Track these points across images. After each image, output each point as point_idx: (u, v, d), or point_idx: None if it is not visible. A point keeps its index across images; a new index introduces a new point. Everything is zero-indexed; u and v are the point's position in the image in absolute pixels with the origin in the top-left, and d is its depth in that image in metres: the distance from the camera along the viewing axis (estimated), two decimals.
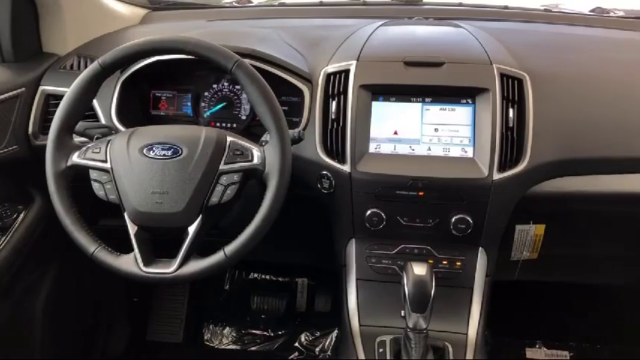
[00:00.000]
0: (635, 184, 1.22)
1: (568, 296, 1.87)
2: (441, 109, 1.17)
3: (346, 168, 1.15)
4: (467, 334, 1.17)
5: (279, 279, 2.08)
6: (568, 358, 1.90)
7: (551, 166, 1.17)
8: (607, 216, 1.33)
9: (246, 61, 1.06)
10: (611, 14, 1.70)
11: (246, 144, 1.05)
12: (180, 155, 1.02)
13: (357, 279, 1.23)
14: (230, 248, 1.01)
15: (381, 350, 1.13)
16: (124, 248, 1.05)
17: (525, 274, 1.46)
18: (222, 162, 1.02)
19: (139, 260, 1.02)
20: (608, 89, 1.26)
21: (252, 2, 1.80)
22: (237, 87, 1.34)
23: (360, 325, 1.19)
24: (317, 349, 1.93)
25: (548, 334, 1.95)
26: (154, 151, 1.03)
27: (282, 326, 1.99)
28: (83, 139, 1.13)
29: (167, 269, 1.01)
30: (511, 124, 1.13)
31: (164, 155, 1.02)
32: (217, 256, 1.01)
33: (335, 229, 1.27)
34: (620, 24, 1.63)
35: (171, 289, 1.99)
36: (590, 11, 1.74)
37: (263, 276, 2.09)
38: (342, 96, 1.17)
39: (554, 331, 1.96)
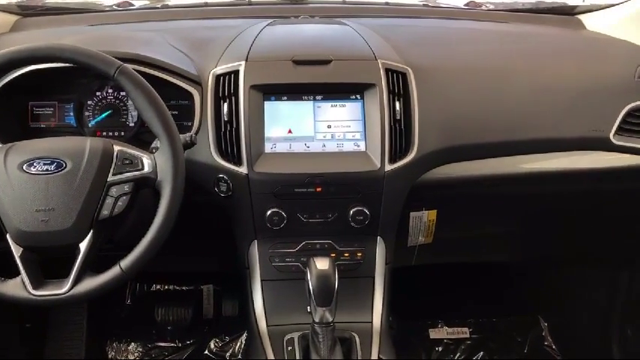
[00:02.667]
0: (516, 165, 1.30)
1: (464, 275, 1.98)
2: (332, 106, 1.19)
3: (243, 170, 1.14)
4: (372, 322, 1.21)
5: (184, 288, 2.03)
6: (468, 333, 2.01)
7: (437, 154, 1.23)
8: (494, 197, 1.41)
9: (130, 66, 1.02)
10: (484, 8, 1.82)
11: (136, 152, 1.01)
12: (64, 169, 0.97)
13: (261, 280, 1.23)
14: (126, 262, 0.97)
15: (289, 348, 1.13)
16: (11, 272, 0.98)
17: (423, 259, 1.53)
18: (111, 173, 0.98)
19: (27, 283, 0.96)
20: (486, 79, 1.34)
21: (133, 5, 1.74)
22: (123, 93, 1.28)
23: (267, 326, 1.20)
24: (227, 354, 1.91)
25: (448, 313, 2.05)
26: (35, 167, 0.96)
27: (190, 335, 1.94)
28: None
29: (59, 290, 0.96)
30: (398, 117, 1.17)
31: (47, 170, 0.96)
32: (113, 271, 0.97)
33: (236, 232, 1.26)
34: (492, 16, 1.74)
35: (68, 310, 1.88)
36: (465, 5, 1.85)
37: (166, 286, 2.03)
38: (233, 97, 1.16)
39: (454, 310, 2.07)
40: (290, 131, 1.18)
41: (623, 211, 1.47)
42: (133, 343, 1.93)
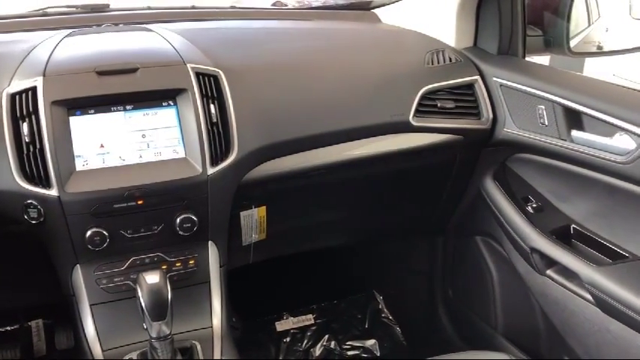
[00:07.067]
0: (340, 153, 1.37)
1: (302, 264, 2.05)
2: (144, 115, 1.16)
3: (54, 192, 1.07)
4: (212, 326, 1.21)
5: (8, 328, 1.84)
6: (312, 320, 2.09)
7: (259, 152, 1.25)
8: (321, 186, 1.47)
9: None
10: (289, 6, 1.89)
11: None
12: None
13: (90, 305, 1.16)
14: None
15: None
16: None
17: (260, 255, 1.55)
18: None
19: None
20: (295, 75, 1.39)
21: None
22: None
23: (103, 351, 1.14)
24: None
25: (293, 304, 2.12)
26: None
27: None
28: None
29: None
30: (215, 120, 1.18)
31: None
32: None
33: (55, 259, 1.17)
34: (297, 15, 1.82)
35: None
36: (272, 5, 1.90)
37: None
38: (33, 116, 1.08)
39: (298, 300, 2.14)
40: (102, 145, 1.12)
41: (428, 184, 1.63)
42: None
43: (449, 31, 1.59)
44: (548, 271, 1.34)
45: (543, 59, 2.02)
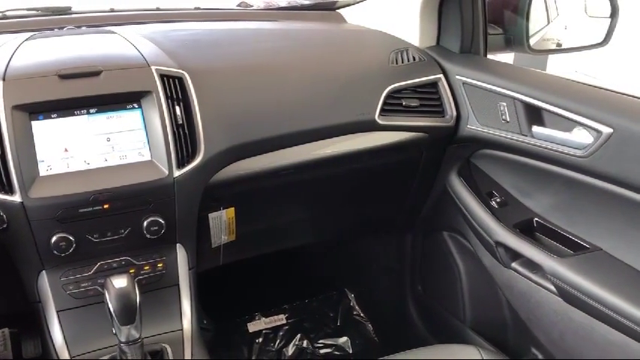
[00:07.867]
0: (309, 152, 1.38)
1: (273, 264, 2.06)
2: (108, 118, 1.15)
3: (16, 198, 1.05)
4: (182, 329, 1.20)
5: None
6: (284, 319, 2.10)
7: (226, 153, 1.25)
8: (290, 185, 1.47)
9: None
10: (255, 7, 1.88)
11: None
12: None
13: (57, 311, 1.15)
14: None
15: None
16: None
17: (230, 256, 1.54)
18: None
19: None
20: (261, 76, 1.39)
21: None
22: None
23: (71, 357, 1.13)
24: None
25: (264, 304, 2.12)
26: None
27: None
28: None
29: None
30: (180, 122, 1.17)
31: None
32: None
33: (19, 266, 1.16)
34: (263, 16, 1.82)
35: None
36: (237, 6, 1.90)
37: None
38: None
39: (270, 300, 2.14)
40: (66, 150, 1.11)
41: (396, 182, 1.65)
42: None
43: (412, 31, 1.61)
44: (513, 264, 1.37)
45: (508, 57, 2.06)
